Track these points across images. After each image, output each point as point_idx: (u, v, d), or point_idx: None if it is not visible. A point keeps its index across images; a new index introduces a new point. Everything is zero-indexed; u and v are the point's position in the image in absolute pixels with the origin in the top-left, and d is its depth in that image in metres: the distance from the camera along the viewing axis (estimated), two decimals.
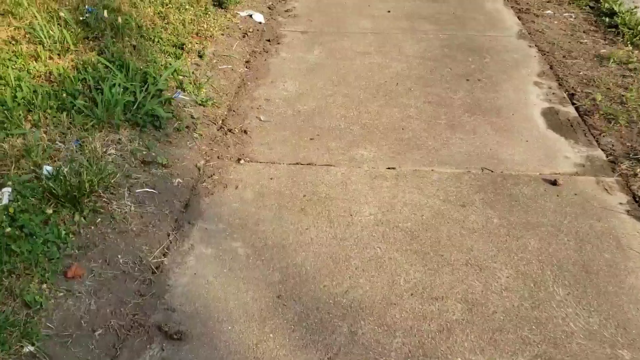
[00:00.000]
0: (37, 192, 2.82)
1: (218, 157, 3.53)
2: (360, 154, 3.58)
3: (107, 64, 3.88)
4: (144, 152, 3.37)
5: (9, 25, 4.30)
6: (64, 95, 3.59)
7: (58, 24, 4.35)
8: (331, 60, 4.82)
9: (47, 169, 3.03)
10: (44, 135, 3.30)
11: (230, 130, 3.81)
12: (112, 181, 3.05)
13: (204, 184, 3.27)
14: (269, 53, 4.95)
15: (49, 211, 2.68)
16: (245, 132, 3.81)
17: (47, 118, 3.42)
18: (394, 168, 3.46)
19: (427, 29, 5.47)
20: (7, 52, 3.88)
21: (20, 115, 3.38)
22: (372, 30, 5.44)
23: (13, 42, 4.09)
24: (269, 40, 5.18)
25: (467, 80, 4.52)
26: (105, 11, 4.33)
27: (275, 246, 2.83)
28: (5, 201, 2.76)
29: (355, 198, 3.18)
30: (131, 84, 3.79)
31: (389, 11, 5.88)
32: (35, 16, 4.33)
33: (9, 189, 2.82)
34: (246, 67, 4.68)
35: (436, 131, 3.84)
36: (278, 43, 5.15)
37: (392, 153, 3.61)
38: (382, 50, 5.01)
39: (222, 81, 4.38)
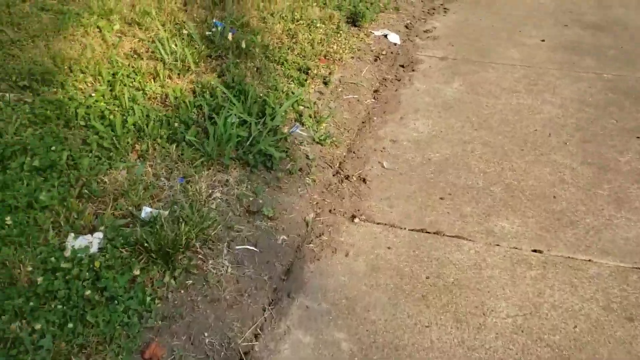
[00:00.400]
0: (129, 242, 2.53)
1: (330, 211, 3.08)
2: (500, 227, 2.98)
3: (225, 91, 3.57)
4: (251, 199, 3.00)
5: (134, 37, 4.14)
6: (177, 123, 3.32)
7: (182, 38, 4.13)
8: (472, 96, 4.21)
9: (147, 210, 2.75)
10: (149, 169, 3.04)
11: (347, 177, 3.35)
12: (213, 233, 2.70)
13: (311, 245, 2.84)
14: (402, 82, 4.43)
15: (136, 272, 2.37)
16: (364, 180, 3.33)
17: (155, 149, 3.17)
18: (541, 251, 2.82)
19: (589, 66, 4.67)
20: (126, 68, 3.69)
21: (128, 143, 3.14)
22: (522, 62, 4.74)
23: (135, 55, 3.92)
24: (402, 66, 4.67)
25: (638, 137, 3.72)
26: (230, 34, 4.04)
27: (387, 346, 2.32)
28: (94, 249, 2.50)
29: (491, 289, 2.59)
30: (248, 115, 3.46)
31: (543, 40, 5.13)
32: (159, 29, 4.14)
33: (100, 235, 2.56)
34: (374, 98, 4.21)
35: (596, 205, 3.13)
36: (413, 70, 4.61)
37: (539, 229, 2.96)
38: (532, 89, 4.31)
39: (345, 114, 3.93)
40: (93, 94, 3.44)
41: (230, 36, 4.06)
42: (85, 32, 4.05)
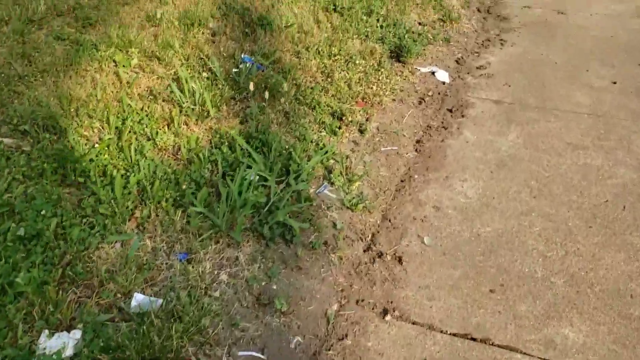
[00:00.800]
0: (109, 346, 2.10)
1: (357, 302, 2.60)
2: (563, 336, 2.43)
3: (244, 145, 3.13)
4: (263, 283, 2.55)
5: (152, 72, 3.75)
6: (186, 183, 2.89)
7: (205, 76, 3.72)
8: (531, 152, 3.65)
9: (138, 298, 2.34)
10: (148, 241, 2.62)
11: (380, 255, 2.86)
12: (212, 333, 2.26)
13: (331, 351, 2.36)
14: (449, 130, 3.90)
15: None
16: (400, 260, 2.83)
17: (158, 215, 2.75)
18: None
19: None
20: (138, 113, 3.30)
21: (127, 208, 2.73)
22: (590, 109, 4.14)
23: (150, 96, 3.52)
24: (450, 111, 4.13)
25: None
26: (259, 71, 3.60)
27: None
28: (68, 352, 2.10)
29: None
30: (269, 172, 3.01)
31: (614, 82, 4.51)
32: (181, 64, 3.75)
33: (78, 335, 2.15)
34: (416, 151, 3.69)
35: None
36: (462, 115, 4.08)
37: (612, 341, 2.40)
38: (602, 145, 3.72)
39: (382, 170, 3.44)
40: (97, 144, 3.05)
41: (254, 79, 3.61)
42: (100, 67, 3.68)
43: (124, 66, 3.73)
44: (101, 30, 4.13)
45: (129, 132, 3.17)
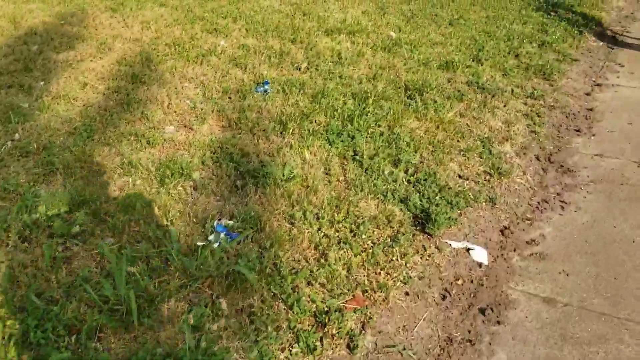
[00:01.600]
0: None
1: None
2: None
3: None
4: None
5: (92, 248, 2.98)
6: None
7: (160, 253, 2.90)
8: None
9: None
10: None
11: None
12: None
13: None
14: (476, 348, 2.84)
15: None
16: None
17: None
18: None
19: None
20: (45, 313, 2.48)
21: None
22: None
23: (72, 287, 2.72)
24: (483, 312, 3.08)
25: None
26: (233, 241, 2.74)
27: None
28: None
29: None
30: None
31: None
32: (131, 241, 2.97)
33: None
34: None
35: None
36: (498, 322, 3.01)
37: None
38: None
39: None
40: None
41: (217, 265, 2.75)
42: (30, 235, 2.96)
43: (61, 236, 2.99)
44: (59, 181, 3.47)
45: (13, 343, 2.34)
